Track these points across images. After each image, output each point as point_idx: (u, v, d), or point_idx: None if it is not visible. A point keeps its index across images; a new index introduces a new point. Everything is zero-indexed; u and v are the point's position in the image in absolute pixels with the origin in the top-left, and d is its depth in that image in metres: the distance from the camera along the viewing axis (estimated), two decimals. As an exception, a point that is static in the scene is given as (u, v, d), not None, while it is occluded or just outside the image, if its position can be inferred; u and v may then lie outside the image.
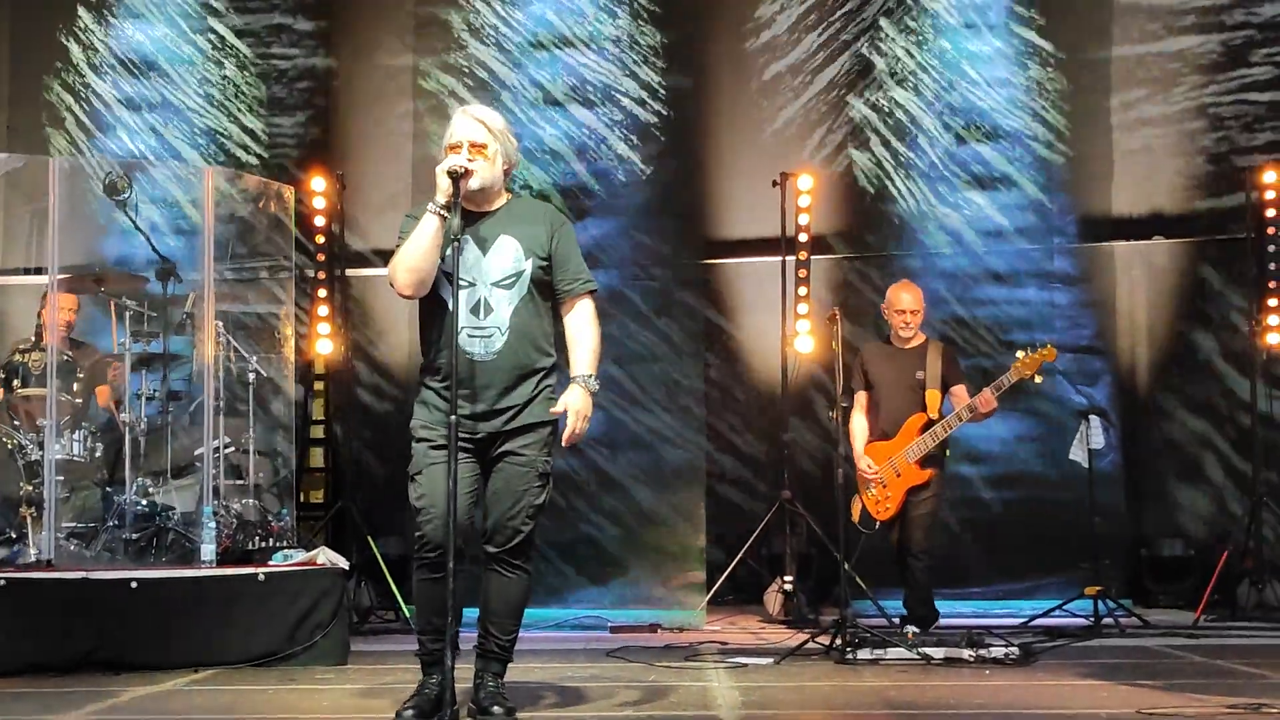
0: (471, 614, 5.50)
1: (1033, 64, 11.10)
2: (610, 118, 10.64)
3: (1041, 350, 8.18)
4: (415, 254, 5.27)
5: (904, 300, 8.54)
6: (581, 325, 5.51)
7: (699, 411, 10.45)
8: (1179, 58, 11.14)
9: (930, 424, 8.28)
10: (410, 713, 5.31)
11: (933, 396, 8.34)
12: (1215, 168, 11.07)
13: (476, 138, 5.37)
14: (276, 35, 11.37)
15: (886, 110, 11.20)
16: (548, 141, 10.60)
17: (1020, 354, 8.26)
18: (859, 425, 8.53)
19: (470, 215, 5.39)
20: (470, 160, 5.30)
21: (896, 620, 8.21)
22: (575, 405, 5.37)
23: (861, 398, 8.57)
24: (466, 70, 10.72)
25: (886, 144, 11.19)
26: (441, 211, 5.22)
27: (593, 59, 10.69)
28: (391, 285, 5.40)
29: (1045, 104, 11.08)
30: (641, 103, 10.60)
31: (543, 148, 10.57)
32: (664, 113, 10.62)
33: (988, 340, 10.72)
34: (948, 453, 8.54)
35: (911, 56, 11.18)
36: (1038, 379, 8.30)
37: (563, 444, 5.44)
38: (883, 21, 11.20)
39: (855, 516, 8.54)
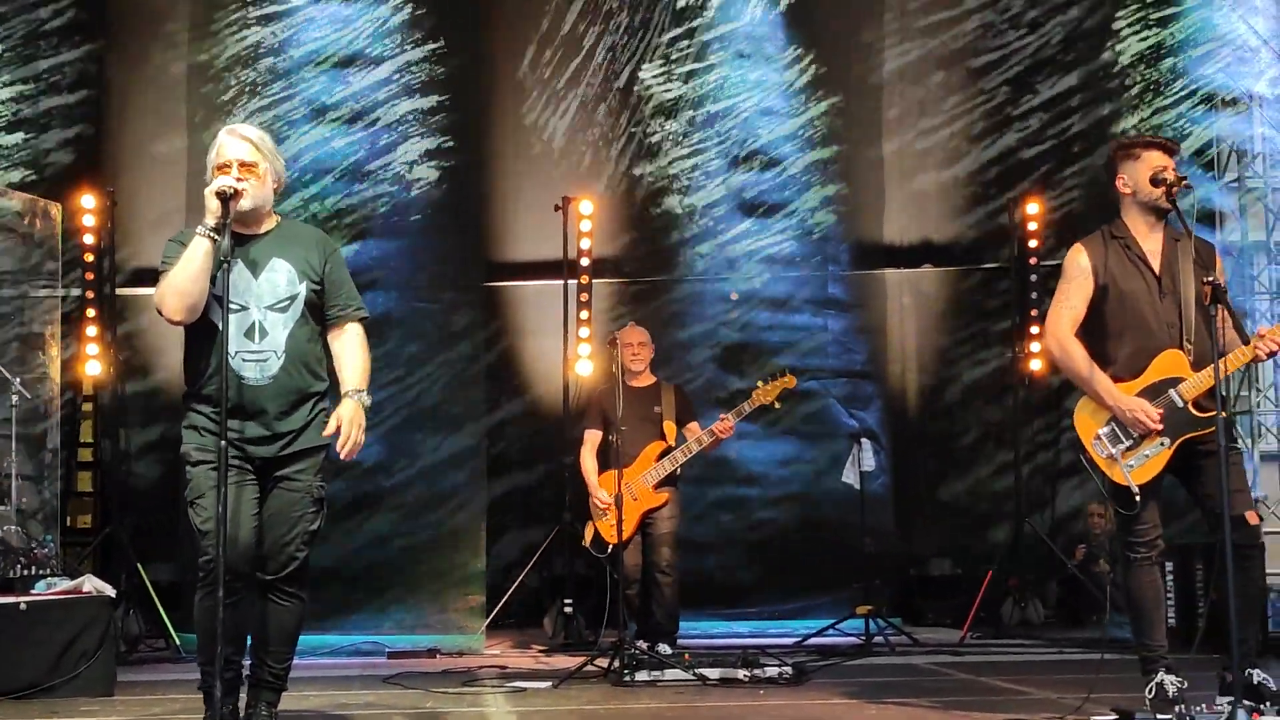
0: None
1: (807, 95, 11.36)
2: (390, 137, 10.54)
3: (781, 379, 8.60)
4: (185, 278, 5.12)
5: (634, 335, 8.91)
6: (352, 347, 5.43)
7: (479, 434, 10.43)
8: (948, 92, 11.55)
9: (668, 450, 8.61)
10: None
11: (669, 427, 8.72)
12: (981, 198, 11.50)
13: (246, 157, 5.26)
14: (42, 46, 10.98)
15: (666, 137, 11.35)
16: (325, 161, 10.47)
17: (760, 383, 8.67)
18: (588, 463, 8.86)
19: (240, 238, 5.27)
20: (240, 180, 5.18)
21: (642, 646, 8.21)
22: (349, 415, 5.26)
23: (593, 436, 8.89)
24: (242, 86, 10.52)
25: (667, 170, 11.34)
26: (212, 234, 5.09)
27: (371, 78, 10.58)
28: (159, 311, 5.24)
29: (820, 134, 11.35)
30: (422, 123, 10.54)
31: (321, 167, 10.43)
32: (446, 133, 10.58)
33: (761, 365, 10.88)
34: (679, 472, 8.71)
35: (692, 83, 11.34)
36: (777, 405, 8.69)
37: (342, 457, 5.31)
38: (658, 49, 11.35)
39: (587, 540, 8.83)
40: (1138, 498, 5.50)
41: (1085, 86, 11.46)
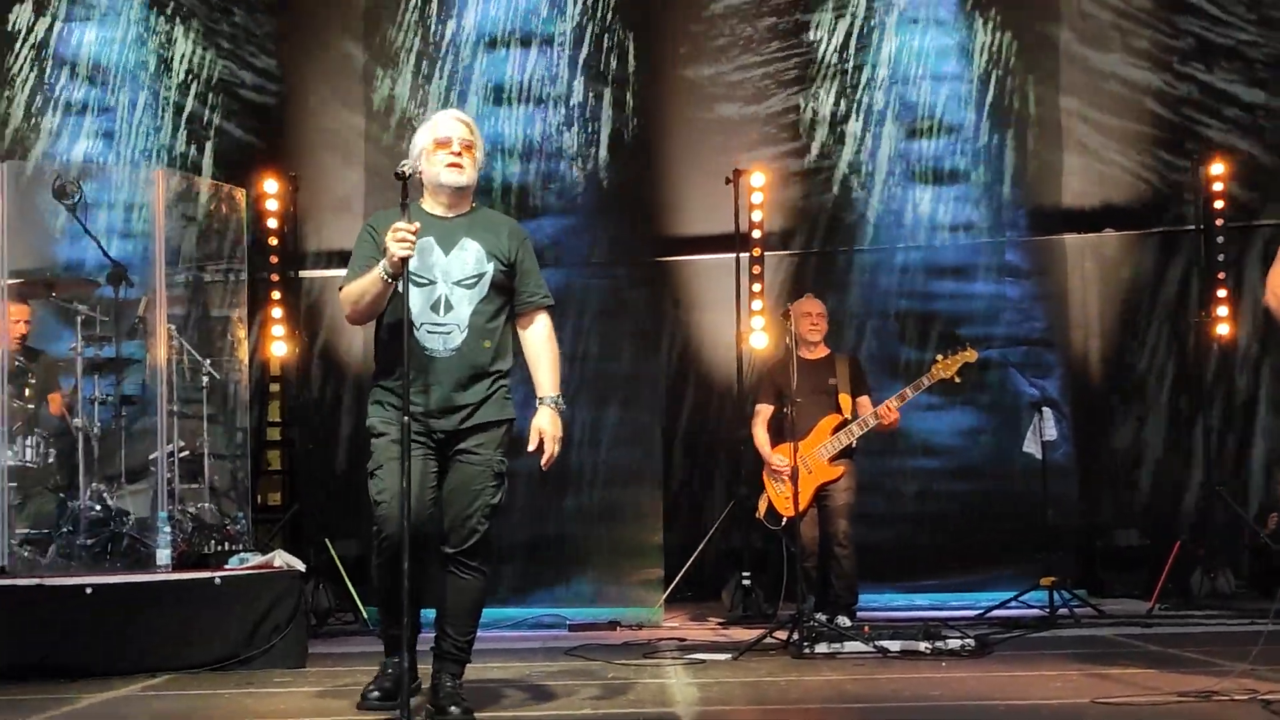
0: (429, 613, 5.51)
1: (982, 58, 11.17)
2: (561, 115, 10.63)
3: (962, 353, 8.52)
4: (361, 301, 5.35)
5: (811, 305, 8.89)
6: (541, 342, 5.62)
7: (655, 408, 10.48)
8: (1130, 50, 11.24)
9: (844, 424, 8.59)
10: (376, 694, 5.50)
11: (845, 400, 8.68)
12: (1164, 159, 11.18)
13: (466, 136, 5.49)
14: (227, 37, 11.30)
15: (839, 106, 11.25)
16: (499, 140, 10.59)
17: (939, 356, 8.60)
18: (761, 436, 8.87)
19: (437, 219, 5.48)
20: (459, 156, 5.42)
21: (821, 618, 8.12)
22: (548, 430, 5.46)
23: (766, 410, 8.90)
24: (416, 70, 10.70)
25: (839, 139, 11.24)
26: (390, 279, 5.19)
27: (543, 57, 10.68)
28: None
29: (995, 97, 11.15)
30: (593, 100, 10.61)
31: (495, 147, 10.54)
32: (616, 109, 10.62)
33: (938, 335, 10.74)
34: (855, 444, 8.67)
35: (862, 51, 11.23)
36: (957, 379, 8.58)
37: (543, 468, 5.48)
38: (831, 18, 11.24)
39: (760, 513, 8.86)
40: None
41: (1273, 41, 11.07)
